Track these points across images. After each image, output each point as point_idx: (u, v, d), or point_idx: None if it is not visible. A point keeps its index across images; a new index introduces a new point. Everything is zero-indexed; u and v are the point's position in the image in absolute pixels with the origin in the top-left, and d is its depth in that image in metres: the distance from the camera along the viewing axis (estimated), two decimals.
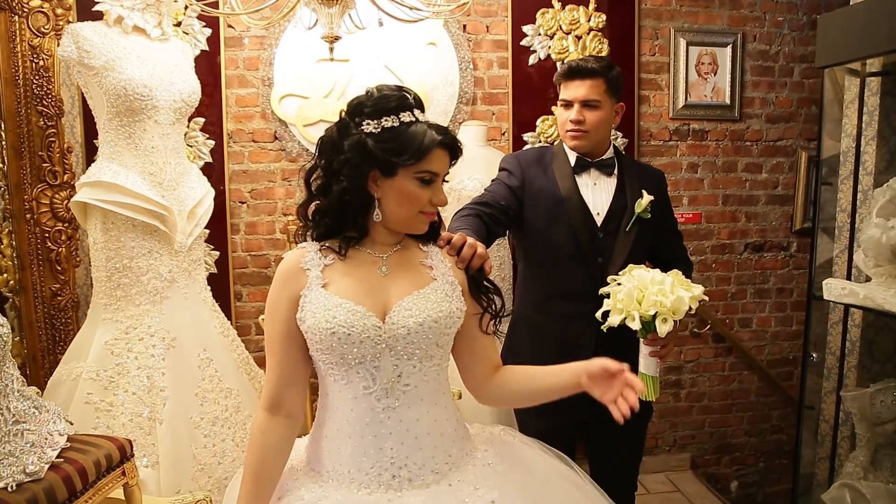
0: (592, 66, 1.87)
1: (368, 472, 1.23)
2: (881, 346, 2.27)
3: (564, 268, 1.90)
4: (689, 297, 1.55)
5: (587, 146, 1.93)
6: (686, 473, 3.63)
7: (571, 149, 1.97)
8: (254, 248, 3.13)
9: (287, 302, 1.26)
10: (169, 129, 2.29)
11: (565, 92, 1.93)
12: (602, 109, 1.89)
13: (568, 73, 1.90)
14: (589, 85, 1.87)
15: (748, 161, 3.48)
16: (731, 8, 3.36)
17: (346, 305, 1.22)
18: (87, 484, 1.54)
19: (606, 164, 1.95)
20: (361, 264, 1.29)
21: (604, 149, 1.97)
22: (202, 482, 2.21)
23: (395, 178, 1.24)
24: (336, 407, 1.27)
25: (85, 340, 2.26)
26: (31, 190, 2.47)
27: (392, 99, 1.24)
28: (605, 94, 1.89)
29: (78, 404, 2.15)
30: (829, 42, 1.97)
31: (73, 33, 2.10)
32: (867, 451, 2.17)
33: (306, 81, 3.03)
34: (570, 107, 1.91)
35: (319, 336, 1.21)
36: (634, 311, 1.56)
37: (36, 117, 2.47)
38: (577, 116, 1.89)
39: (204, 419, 2.27)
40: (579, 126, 1.89)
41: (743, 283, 3.56)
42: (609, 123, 1.94)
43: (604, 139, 1.95)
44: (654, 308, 1.54)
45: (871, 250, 1.91)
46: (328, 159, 1.26)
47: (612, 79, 1.90)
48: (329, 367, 1.26)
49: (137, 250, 2.23)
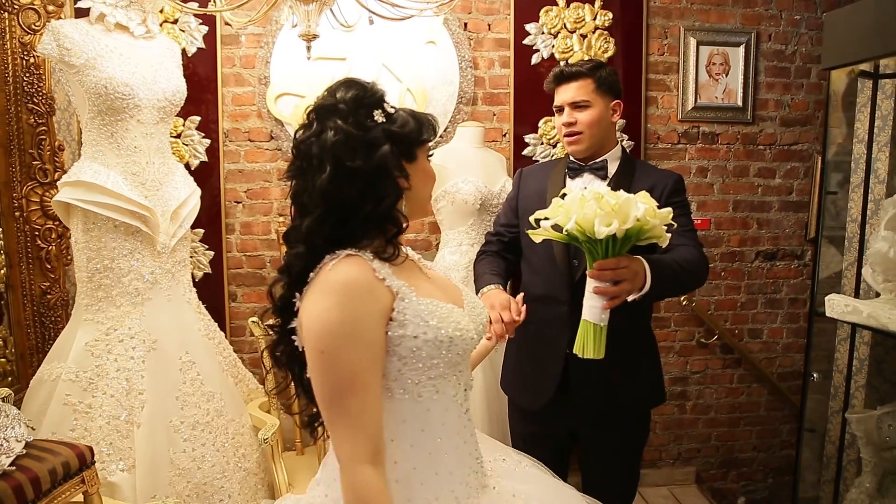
0: (577, 69, 1.87)
1: (468, 483, 1.18)
2: (891, 366, 2.14)
3: (542, 271, 1.89)
4: (642, 205, 1.42)
5: (585, 149, 1.91)
6: (690, 488, 3.51)
7: (571, 154, 1.97)
8: (249, 248, 3.09)
9: (378, 319, 1.08)
10: (152, 129, 2.26)
11: (556, 98, 1.94)
12: (593, 108, 1.87)
13: (555, 80, 1.92)
14: (576, 87, 1.87)
15: (761, 166, 3.34)
16: (745, 6, 3.22)
17: (455, 309, 1.16)
18: (41, 493, 1.51)
19: (598, 167, 1.91)
20: (403, 266, 1.20)
21: (606, 150, 1.93)
22: (179, 487, 2.18)
23: (417, 160, 1.20)
24: (422, 429, 1.14)
25: (66, 341, 2.24)
26: (20, 188, 2.47)
27: (372, 87, 1.19)
28: (595, 93, 1.87)
29: (57, 405, 2.14)
30: (836, 42, 1.85)
31: (54, 30, 2.08)
32: (873, 477, 2.05)
33: (303, 80, 2.98)
34: (562, 111, 1.92)
35: (431, 347, 1.10)
36: (573, 214, 1.45)
37: (26, 115, 2.46)
38: (568, 119, 1.89)
39: (184, 423, 2.24)
40: (572, 128, 1.89)
41: (754, 292, 3.42)
42: (605, 122, 1.91)
43: (603, 140, 1.92)
44: (597, 214, 1.42)
45: (879, 265, 1.79)
46: (340, 162, 1.11)
47: (601, 78, 1.87)
48: (421, 385, 1.13)
49: (119, 251, 2.21)
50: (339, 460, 1.05)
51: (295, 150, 1.18)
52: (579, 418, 1.88)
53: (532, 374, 1.92)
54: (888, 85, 1.99)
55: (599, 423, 1.87)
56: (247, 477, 2.37)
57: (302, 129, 1.18)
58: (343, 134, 1.12)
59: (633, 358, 1.84)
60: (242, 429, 2.45)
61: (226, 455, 2.32)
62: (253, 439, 2.46)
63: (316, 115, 1.17)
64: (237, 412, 2.45)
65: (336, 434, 1.05)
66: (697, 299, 3.36)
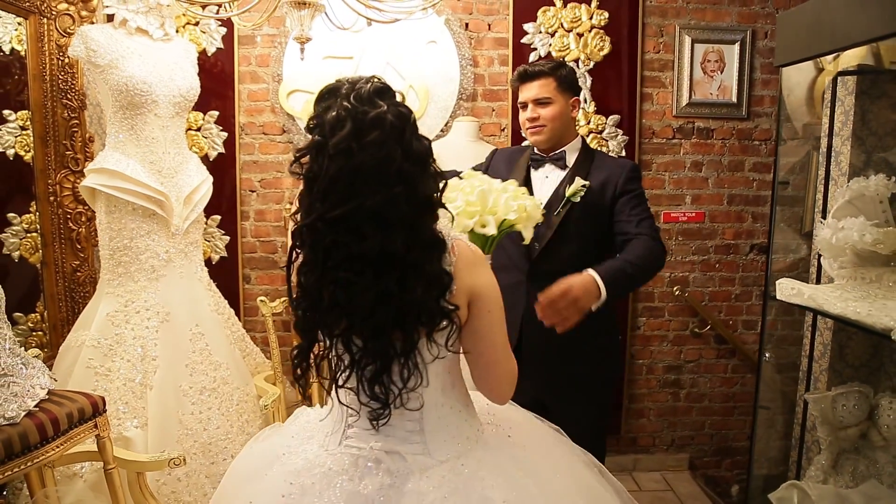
0: (539, 69, 2.03)
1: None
2: (853, 350, 2.23)
3: (506, 244, 1.99)
4: (532, 206, 1.62)
5: (546, 140, 2.08)
6: (683, 474, 3.60)
7: (533, 144, 2.14)
8: (262, 234, 3.33)
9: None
10: (168, 122, 2.50)
11: (520, 95, 2.11)
12: (555, 104, 2.04)
13: (519, 78, 2.09)
14: (538, 84, 2.04)
15: (756, 160, 3.42)
16: (741, 5, 3.31)
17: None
18: (59, 432, 1.76)
19: (557, 157, 2.09)
20: None
21: (566, 142, 2.10)
22: (187, 445, 2.41)
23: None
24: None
25: (91, 312, 2.50)
26: (55, 175, 2.74)
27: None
28: (556, 90, 2.04)
29: (81, 368, 2.39)
30: (786, 40, 1.95)
31: (82, 34, 2.34)
32: (829, 455, 2.14)
33: (313, 77, 3.19)
34: (525, 107, 2.09)
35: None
36: (488, 217, 1.57)
37: (61, 109, 2.73)
38: (532, 114, 2.06)
39: (192, 388, 2.48)
40: (535, 122, 2.06)
41: (748, 284, 3.50)
42: (566, 117, 2.08)
43: (564, 132, 2.09)
44: (512, 213, 1.56)
45: (826, 251, 1.89)
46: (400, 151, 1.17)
47: (562, 76, 2.04)
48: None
49: (137, 231, 2.46)
50: (509, 373, 1.33)
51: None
52: (537, 385, 2.02)
53: None
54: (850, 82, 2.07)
55: (559, 392, 2.03)
56: (249, 441, 2.59)
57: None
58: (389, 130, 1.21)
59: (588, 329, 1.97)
60: (247, 397, 2.67)
61: (230, 419, 2.55)
62: (257, 407, 2.68)
63: None
64: (243, 381, 2.68)
65: (509, 358, 1.32)
66: (691, 290, 3.46)
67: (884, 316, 1.55)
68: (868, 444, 2.06)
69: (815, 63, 2.26)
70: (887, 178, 1.90)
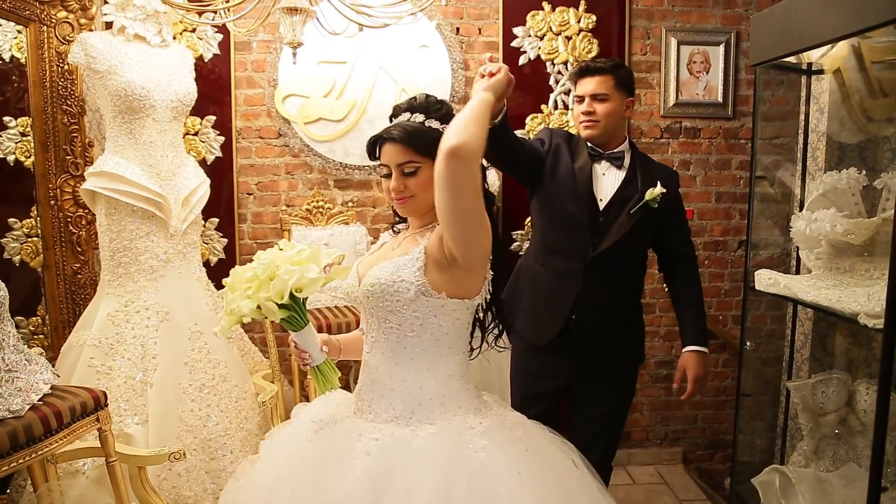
0: (600, 65, 2.11)
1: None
2: (834, 340, 2.30)
3: (565, 231, 2.14)
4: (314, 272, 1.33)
5: (599, 135, 2.15)
6: (677, 467, 3.66)
7: (585, 138, 2.20)
8: (259, 236, 3.39)
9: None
10: (166, 126, 2.57)
11: (578, 88, 2.17)
12: (611, 101, 2.12)
13: (579, 72, 2.16)
14: (597, 80, 2.11)
15: (742, 159, 3.49)
16: (726, 7, 3.38)
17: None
18: (62, 425, 1.81)
19: (616, 156, 2.16)
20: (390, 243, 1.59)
21: (617, 142, 2.19)
22: (187, 441, 2.47)
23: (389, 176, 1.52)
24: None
25: (92, 312, 2.56)
26: (55, 179, 2.81)
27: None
28: (614, 88, 2.11)
29: (82, 367, 2.45)
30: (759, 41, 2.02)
31: (82, 41, 2.41)
32: (811, 441, 2.20)
33: (307, 82, 3.27)
34: (582, 101, 2.15)
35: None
36: (262, 294, 1.31)
37: (61, 115, 2.80)
38: (588, 108, 2.13)
39: (191, 385, 2.54)
40: (590, 116, 2.13)
41: (737, 280, 3.56)
42: (619, 115, 2.16)
43: (616, 131, 2.18)
44: (291, 277, 1.30)
45: (802, 242, 1.96)
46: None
47: (621, 75, 2.12)
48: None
49: (136, 233, 2.52)
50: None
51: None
52: (575, 363, 2.12)
53: (544, 313, 2.16)
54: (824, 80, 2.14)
55: (592, 373, 2.12)
56: (248, 437, 2.65)
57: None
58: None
59: (626, 318, 2.17)
60: (245, 394, 2.73)
61: (229, 416, 2.61)
62: (255, 404, 2.74)
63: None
64: (241, 379, 2.74)
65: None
66: None
67: (852, 302, 1.62)
68: (847, 429, 2.12)
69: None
70: (858, 171, 1.97)
